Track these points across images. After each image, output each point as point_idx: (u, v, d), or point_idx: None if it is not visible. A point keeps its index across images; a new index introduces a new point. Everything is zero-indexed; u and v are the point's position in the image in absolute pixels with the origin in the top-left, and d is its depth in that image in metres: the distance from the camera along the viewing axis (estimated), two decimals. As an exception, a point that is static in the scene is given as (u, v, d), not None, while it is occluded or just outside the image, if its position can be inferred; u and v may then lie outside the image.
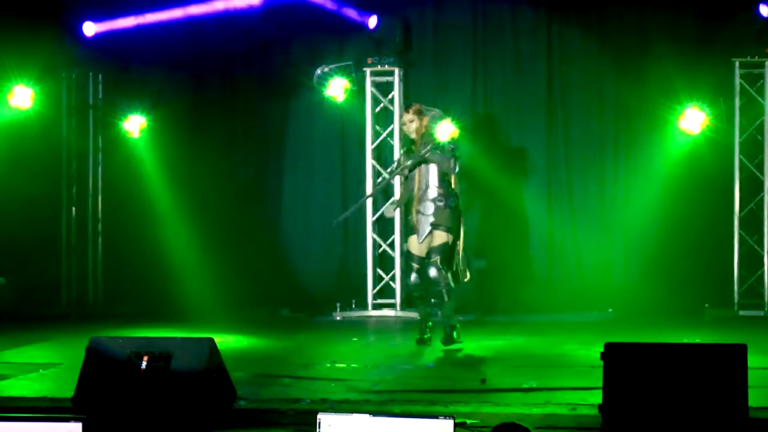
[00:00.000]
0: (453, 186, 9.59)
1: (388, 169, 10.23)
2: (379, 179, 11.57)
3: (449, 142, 9.57)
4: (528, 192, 13.18)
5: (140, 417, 6.12)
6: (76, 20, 13.36)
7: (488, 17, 13.37)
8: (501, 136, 13.26)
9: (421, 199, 9.60)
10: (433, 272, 9.44)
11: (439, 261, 9.43)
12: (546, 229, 13.12)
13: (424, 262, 9.55)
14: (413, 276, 9.65)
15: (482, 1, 13.36)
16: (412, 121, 9.64)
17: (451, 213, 9.54)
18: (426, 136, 9.62)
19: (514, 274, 13.06)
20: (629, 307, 12.56)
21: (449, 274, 9.49)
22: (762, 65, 12.52)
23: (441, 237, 9.49)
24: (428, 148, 9.49)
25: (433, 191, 9.57)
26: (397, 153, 13.26)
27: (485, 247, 12.92)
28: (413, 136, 9.67)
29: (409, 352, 9.84)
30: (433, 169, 9.57)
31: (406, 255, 9.91)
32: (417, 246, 9.62)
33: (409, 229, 9.83)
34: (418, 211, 9.62)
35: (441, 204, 9.52)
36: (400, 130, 13.25)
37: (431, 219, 9.53)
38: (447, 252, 9.53)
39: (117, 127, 13.79)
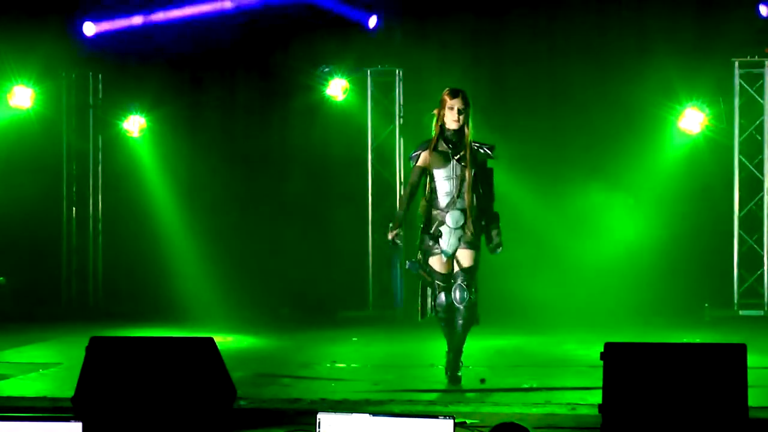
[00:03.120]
0: (491, 198, 7.95)
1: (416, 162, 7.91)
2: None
3: (491, 144, 8.03)
4: (527, 192, 13.17)
5: (140, 417, 6.12)
6: (76, 20, 13.37)
7: (488, 17, 13.36)
8: (500, 136, 13.23)
9: (449, 207, 7.80)
10: (461, 294, 7.75)
11: (473, 285, 7.77)
12: (545, 228, 13.11)
13: (451, 281, 7.80)
14: (442, 296, 7.75)
15: (482, 1, 13.36)
16: (464, 108, 7.84)
17: (480, 231, 7.87)
18: (467, 132, 7.93)
19: (513, 273, 13.05)
20: (629, 307, 12.56)
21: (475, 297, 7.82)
22: (761, 65, 12.54)
23: (473, 258, 7.80)
24: (477, 145, 7.94)
25: (464, 201, 7.78)
26: (398, 152, 13.31)
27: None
28: (456, 126, 7.82)
29: (409, 352, 9.85)
30: (469, 174, 7.81)
31: (428, 272, 7.82)
32: (442, 264, 7.79)
33: (427, 242, 7.84)
34: (441, 222, 7.78)
35: (473, 220, 7.79)
36: (401, 129, 13.31)
37: (461, 234, 7.76)
38: (476, 272, 7.87)
39: (117, 127, 13.81)
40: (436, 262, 7.78)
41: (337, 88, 13.16)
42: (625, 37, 13.04)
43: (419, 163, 7.89)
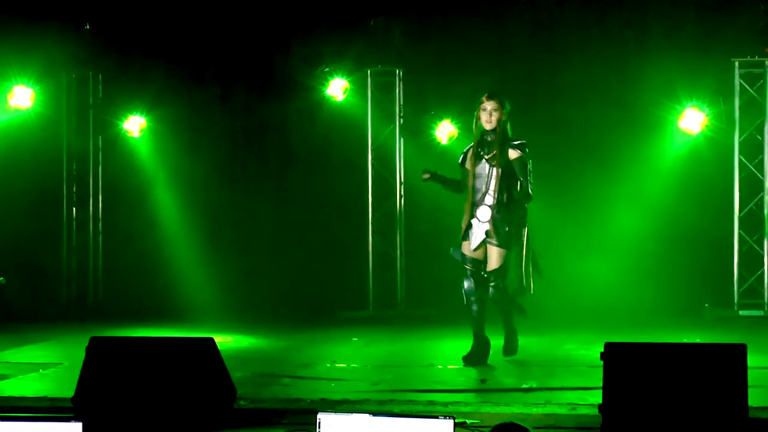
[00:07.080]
0: (525, 195, 8.59)
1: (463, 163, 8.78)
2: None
3: (521, 142, 8.70)
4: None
5: (140, 417, 6.12)
6: (76, 20, 13.37)
7: (489, 18, 13.36)
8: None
9: (479, 203, 8.56)
10: (493, 294, 8.61)
11: (500, 284, 8.61)
12: (544, 229, 13.09)
13: (480, 266, 8.62)
14: (467, 282, 8.62)
15: (483, 1, 13.35)
16: (496, 110, 8.60)
17: (510, 227, 8.55)
18: (503, 131, 8.67)
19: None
20: (629, 307, 12.56)
21: (507, 292, 8.69)
22: (762, 65, 12.53)
23: (498, 256, 8.55)
24: (512, 145, 8.64)
25: (492, 197, 8.54)
26: (398, 152, 13.32)
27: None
28: (489, 126, 8.60)
29: (409, 352, 9.84)
30: (496, 172, 8.54)
31: (461, 257, 8.68)
32: (469, 250, 8.63)
33: (460, 233, 8.68)
34: (473, 216, 8.55)
35: (498, 216, 8.50)
36: (401, 129, 13.31)
37: (487, 227, 8.50)
38: (506, 270, 8.66)
39: (117, 127, 13.80)
40: (465, 248, 8.64)
41: (337, 88, 13.16)
42: (625, 36, 13.04)
43: (463, 163, 8.77)
